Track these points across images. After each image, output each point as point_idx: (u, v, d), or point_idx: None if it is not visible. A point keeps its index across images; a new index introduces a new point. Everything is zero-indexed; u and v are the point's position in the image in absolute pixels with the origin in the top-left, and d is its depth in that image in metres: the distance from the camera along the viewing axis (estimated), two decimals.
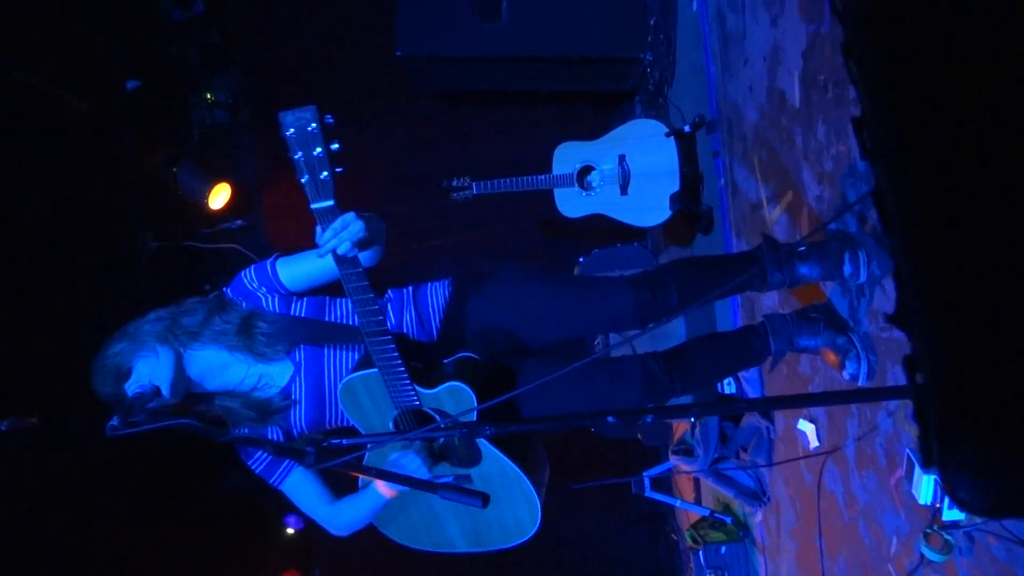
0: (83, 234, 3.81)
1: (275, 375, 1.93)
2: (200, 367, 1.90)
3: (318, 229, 1.52)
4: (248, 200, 4.81)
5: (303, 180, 1.43)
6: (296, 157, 1.40)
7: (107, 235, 4.04)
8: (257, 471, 1.96)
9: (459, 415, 1.74)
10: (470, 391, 1.75)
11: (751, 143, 3.04)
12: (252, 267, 1.95)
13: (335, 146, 1.41)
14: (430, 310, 2.02)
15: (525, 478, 1.82)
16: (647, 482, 3.91)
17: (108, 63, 4.18)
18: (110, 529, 3.56)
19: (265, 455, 1.94)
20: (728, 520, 3.66)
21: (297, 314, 1.94)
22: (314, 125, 1.38)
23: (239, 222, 4.71)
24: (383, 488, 1.95)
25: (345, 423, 1.96)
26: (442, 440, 1.88)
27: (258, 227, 4.86)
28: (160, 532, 3.90)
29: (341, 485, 2.03)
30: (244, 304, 1.93)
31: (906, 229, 0.61)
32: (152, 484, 3.77)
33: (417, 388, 1.76)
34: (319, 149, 1.39)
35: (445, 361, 1.89)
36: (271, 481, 1.97)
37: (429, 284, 2.07)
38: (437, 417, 1.81)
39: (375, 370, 1.73)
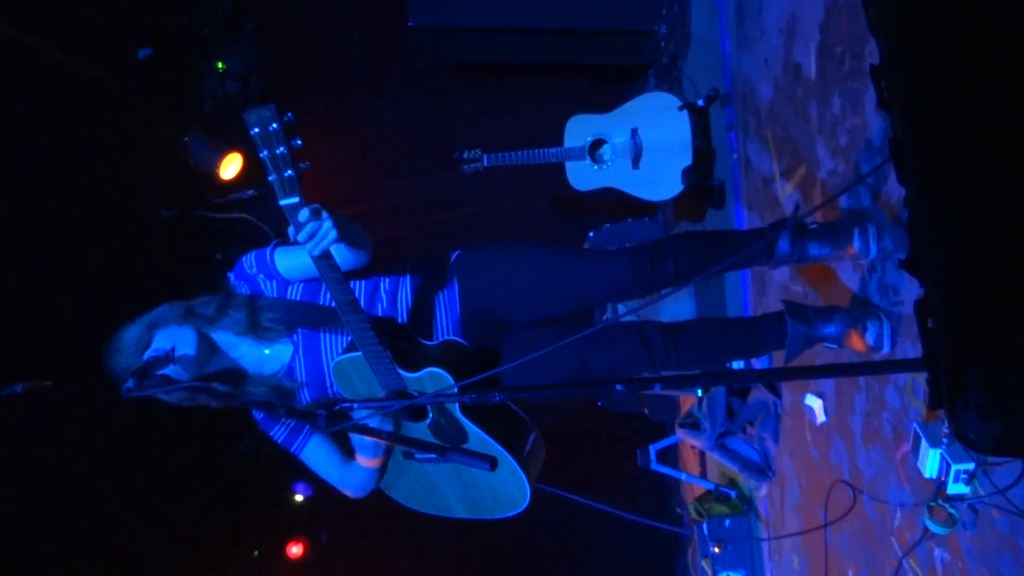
0: (95, 202, 3.82)
1: (279, 353, 2.02)
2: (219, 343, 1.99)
3: (290, 229, 1.56)
4: (259, 170, 4.81)
5: (270, 179, 1.48)
6: (262, 156, 1.44)
7: (119, 203, 4.06)
8: (279, 441, 2.05)
9: (444, 389, 1.77)
10: (450, 379, 1.78)
11: (765, 117, 3.01)
12: (252, 254, 2.03)
13: (297, 143, 1.44)
14: (424, 292, 2.07)
15: (509, 456, 1.86)
16: (653, 455, 3.93)
17: (120, 31, 4.16)
18: (119, 494, 3.62)
19: (284, 428, 2.04)
20: (733, 494, 3.69)
21: (293, 297, 2.01)
22: (275, 124, 1.41)
23: (250, 192, 4.71)
24: (362, 460, 2.03)
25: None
26: (430, 421, 1.91)
27: (268, 197, 4.86)
28: (169, 499, 3.96)
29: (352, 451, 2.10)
30: (246, 289, 2.03)
31: (921, 176, 0.61)
32: (162, 451, 3.81)
33: (400, 371, 1.81)
34: (282, 147, 1.43)
35: (429, 344, 1.93)
36: (292, 449, 2.06)
37: (425, 270, 2.12)
38: None
39: (361, 353, 1.79)
